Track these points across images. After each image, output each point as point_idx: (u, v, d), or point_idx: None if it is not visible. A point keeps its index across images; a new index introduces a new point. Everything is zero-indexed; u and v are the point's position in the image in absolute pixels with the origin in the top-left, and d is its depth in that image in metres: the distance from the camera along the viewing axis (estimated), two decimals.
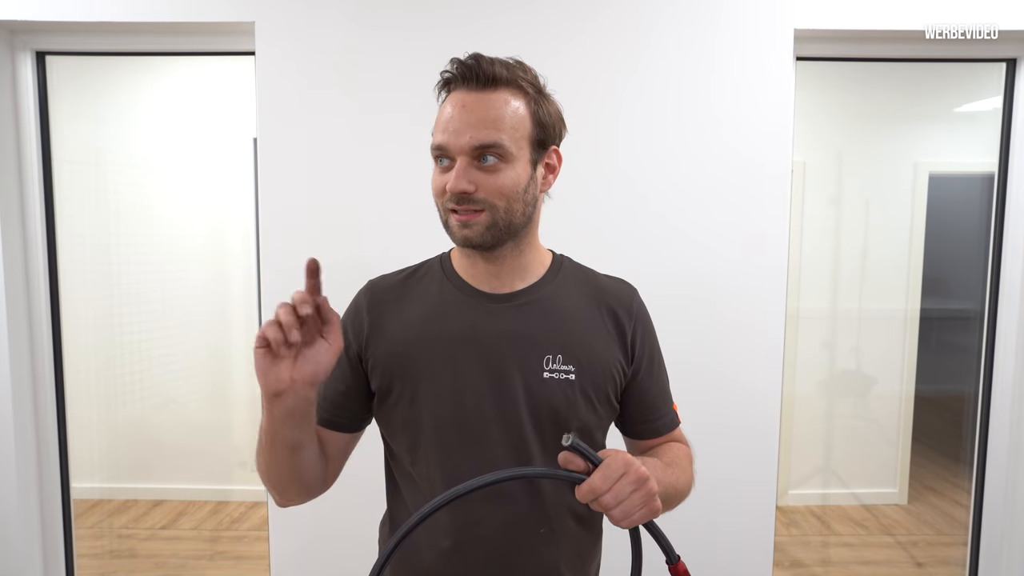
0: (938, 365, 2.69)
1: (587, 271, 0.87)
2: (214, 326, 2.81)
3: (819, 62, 1.61)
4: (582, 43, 1.49)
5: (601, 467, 0.61)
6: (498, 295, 0.79)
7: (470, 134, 0.70)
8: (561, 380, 0.76)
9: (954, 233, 2.43)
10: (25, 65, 1.58)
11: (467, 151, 0.70)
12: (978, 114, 2.28)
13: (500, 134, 0.70)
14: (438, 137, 0.72)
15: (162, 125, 2.63)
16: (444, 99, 0.75)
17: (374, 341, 0.79)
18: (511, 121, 0.72)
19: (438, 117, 0.74)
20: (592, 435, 0.80)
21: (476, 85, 0.72)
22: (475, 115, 0.70)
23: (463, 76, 0.72)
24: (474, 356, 0.76)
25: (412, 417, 0.77)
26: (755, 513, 1.59)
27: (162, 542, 2.46)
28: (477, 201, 0.71)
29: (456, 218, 0.72)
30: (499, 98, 0.72)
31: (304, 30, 1.48)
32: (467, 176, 0.70)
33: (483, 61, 0.71)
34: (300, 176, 1.51)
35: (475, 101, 0.71)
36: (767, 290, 1.54)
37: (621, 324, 0.81)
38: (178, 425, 2.78)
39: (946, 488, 2.77)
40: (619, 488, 0.60)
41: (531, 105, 0.74)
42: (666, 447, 0.84)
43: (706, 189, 1.51)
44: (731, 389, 1.55)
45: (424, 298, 0.80)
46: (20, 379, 1.60)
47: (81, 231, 2.28)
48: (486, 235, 0.72)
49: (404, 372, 0.77)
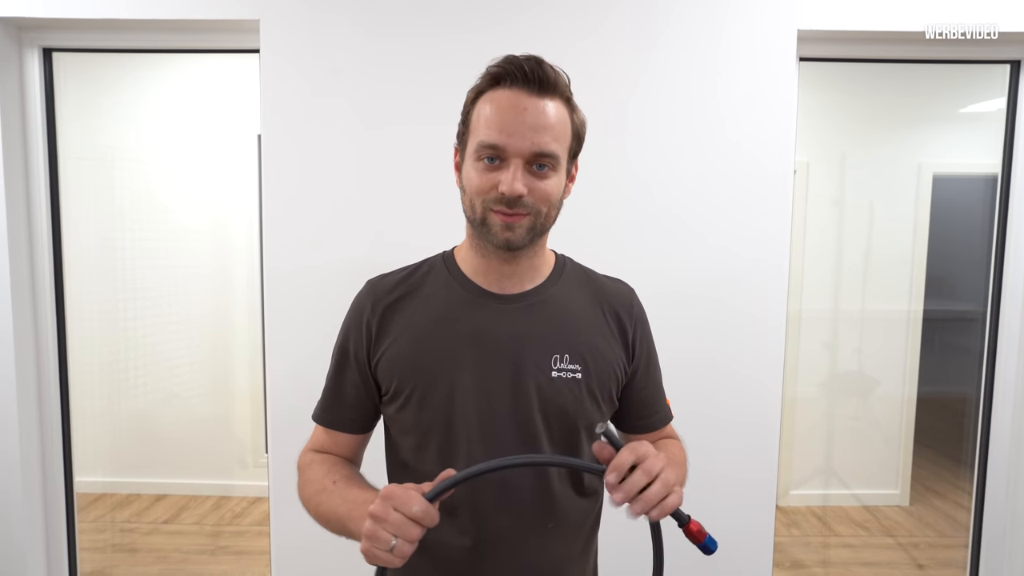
0: (940, 366, 2.69)
1: (588, 272, 0.88)
2: (217, 322, 2.82)
3: (822, 63, 1.61)
4: (586, 48, 1.49)
5: (628, 446, 0.63)
6: (506, 296, 0.79)
7: (532, 139, 0.69)
8: (568, 379, 0.77)
9: (958, 234, 2.43)
10: (32, 61, 1.59)
11: (525, 155, 0.70)
12: (982, 115, 2.27)
13: (556, 143, 0.71)
14: (492, 136, 0.70)
15: (167, 122, 2.65)
16: (486, 96, 0.72)
17: (381, 342, 0.79)
18: (561, 130, 0.72)
19: (485, 115, 0.71)
20: (592, 430, 0.81)
21: (536, 89, 0.70)
22: (536, 120, 0.70)
23: (524, 77, 0.70)
24: (485, 357, 0.76)
25: (422, 417, 0.77)
26: (755, 513, 1.59)
27: (164, 536, 2.47)
28: (526, 205, 0.71)
29: (501, 219, 0.72)
30: (555, 106, 0.71)
31: (309, 28, 1.48)
32: (523, 180, 0.70)
33: (545, 65, 0.71)
34: (304, 173, 1.52)
35: (536, 106, 0.70)
36: (769, 290, 1.54)
37: (623, 324, 0.83)
38: (181, 420, 2.80)
39: (948, 490, 2.76)
40: (649, 464, 0.62)
41: (571, 115, 0.74)
42: (663, 443, 0.86)
43: (709, 188, 1.52)
44: (732, 389, 1.55)
45: (431, 298, 0.80)
46: (25, 373, 1.61)
47: (86, 226, 2.29)
48: (526, 238, 0.74)
49: (414, 373, 0.77)
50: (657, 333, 0.90)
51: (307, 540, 1.57)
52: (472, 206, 0.74)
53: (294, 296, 1.53)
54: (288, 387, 1.54)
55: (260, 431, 2.76)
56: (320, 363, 1.51)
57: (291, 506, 1.66)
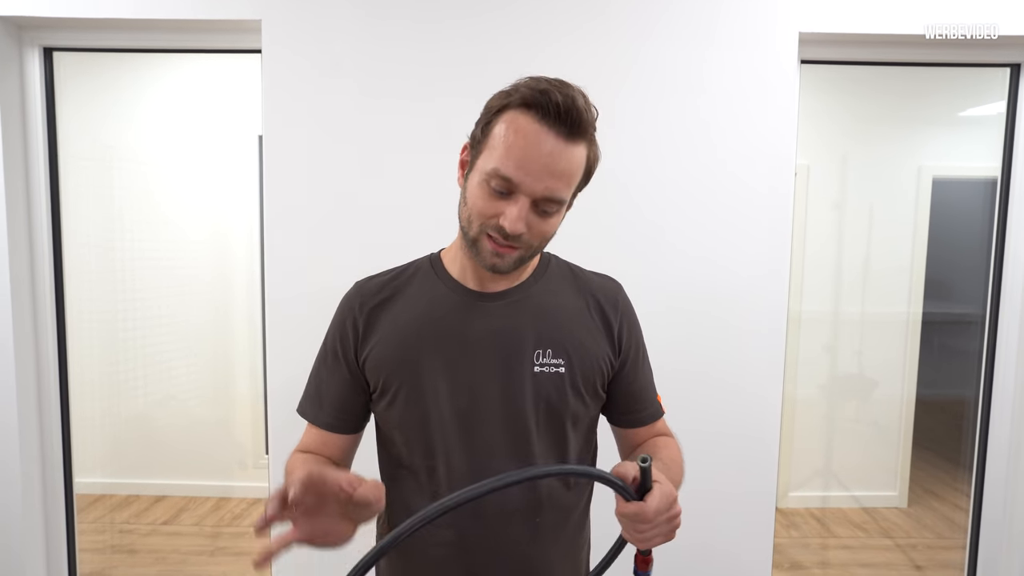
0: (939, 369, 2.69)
1: (573, 268, 0.89)
2: (217, 323, 2.81)
3: (823, 65, 1.62)
4: (583, 47, 1.49)
5: (660, 495, 0.64)
6: (489, 293, 0.81)
7: (547, 184, 0.69)
8: (551, 373, 0.78)
9: (957, 237, 2.43)
10: (33, 61, 1.58)
11: (535, 196, 0.69)
12: (982, 118, 2.28)
13: (568, 190, 0.71)
14: (509, 169, 0.68)
15: (167, 122, 2.64)
16: (513, 115, 0.69)
17: (368, 341, 0.80)
18: (576, 176, 0.72)
19: (507, 139, 0.69)
20: (581, 426, 0.83)
21: (564, 132, 0.68)
22: (556, 166, 0.68)
23: (556, 116, 0.67)
24: (469, 353, 0.78)
25: (410, 414, 0.78)
26: (755, 515, 1.59)
27: (163, 538, 2.46)
28: (520, 240, 0.72)
29: (493, 247, 0.73)
30: (577, 152, 0.70)
31: (311, 28, 1.48)
32: (526, 219, 0.70)
33: (579, 106, 0.68)
34: (305, 173, 1.52)
35: (560, 151, 0.68)
36: (769, 293, 1.54)
37: (608, 318, 0.84)
38: (180, 422, 2.79)
39: (946, 492, 2.77)
40: (661, 519, 0.65)
41: (589, 154, 0.73)
42: (661, 444, 0.86)
43: (710, 191, 1.52)
44: (732, 391, 1.56)
45: (417, 298, 0.81)
46: (25, 375, 1.61)
47: (86, 228, 2.29)
48: (512, 267, 0.75)
49: (400, 371, 0.78)
50: (656, 336, 0.90)
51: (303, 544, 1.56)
52: (469, 222, 0.74)
53: (295, 297, 1.53)
54: (289, 387, 1.54)
55: (260, 432, 2.75)
56: None
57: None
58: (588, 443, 0.87)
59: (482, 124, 0.73)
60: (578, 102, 0.68)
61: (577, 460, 0.84)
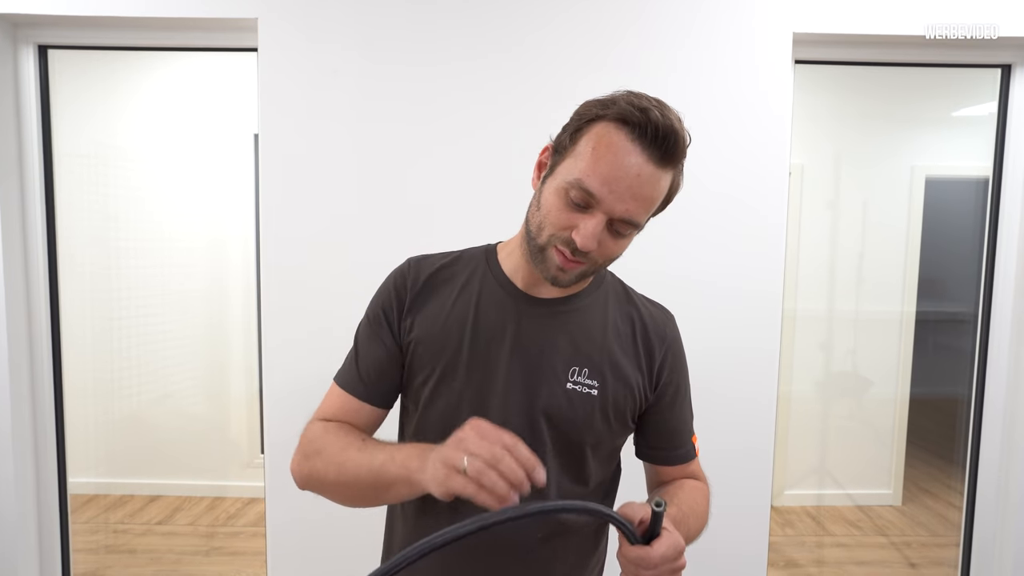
0: (933, 368, 2.71)
1: (628, 289, 0.86)
2: (212, 322, 2.80)
3: (817, 65, 1.63)
4: (580, 45, 1.49)
5: (668, 544, 0.60)
6: (539, 299, 0.79)
7: (628, 205, 0.67)
8: (583, 393, 0.76)
9: (950, 237, 2.45)
10: (27, 58, 1.58)
11: (614, 215, 0.67)
12: (975, 118, 2.30)
13: (646, 215, 0.69)
14: (593, 183, 0.66)
15: (162, 120, 2.63)
16: (607, 127, 0.66)
17: (413, 316, 0.79)
18: (657, 202, 0.70)
19: (597, 151, 0.66)
20: (604, 450, 0.80)
21: (658, 158, 0.66)
22: (642, 189, 0.66)
23: (653, 139, 0.64)
24: (502, 355, 0.76)
25: (437, 397, 0.78)
26: (750, 513, 1.60)
27: (158, 537, 2.45)
28: (588, 257, 0.70)
29: (560, 260, 0.70)
30: (665, 178, 0.68)
31: (307, 27, 1.48)
32: (599, 237, 0.68)
33: (677, 131, 0.65)
34: (301, 172, 1.51)
35: (649, 175, 0.66)
36: (764, 292, 1.55)
37: (652, 349, 0.81)
38: (175, 422, 2.78)
39: (940, 490, 2.79)
40: (664, 568, 0.61)
41: (673, 182, 0.71)
42: (688, 488, 0.82)
43: (705, 191, 1.53)
44: (727, 390, 1.56)
45: (465, 288, 0.80)
46: (18, 374, 1.60)
47: (80, 225, 2.28)
48: (574, 281, 0.74)
49: (439, 354, 0.77)
50: None
51: (302, 540, 1.56)
52: (540, 229, 0.71)
53: (291, 296, 1.53)
54: (284, 387, 1.54)
55: (255, 432, 2.75)
56: (317, 361, 1.52)
57: (287, 507, 1.66)
58: (608, 466, 0.84)
59: (571, 130, 0.70)
60: (676, 127, 0.65)
61: (595, 482, 0.81)
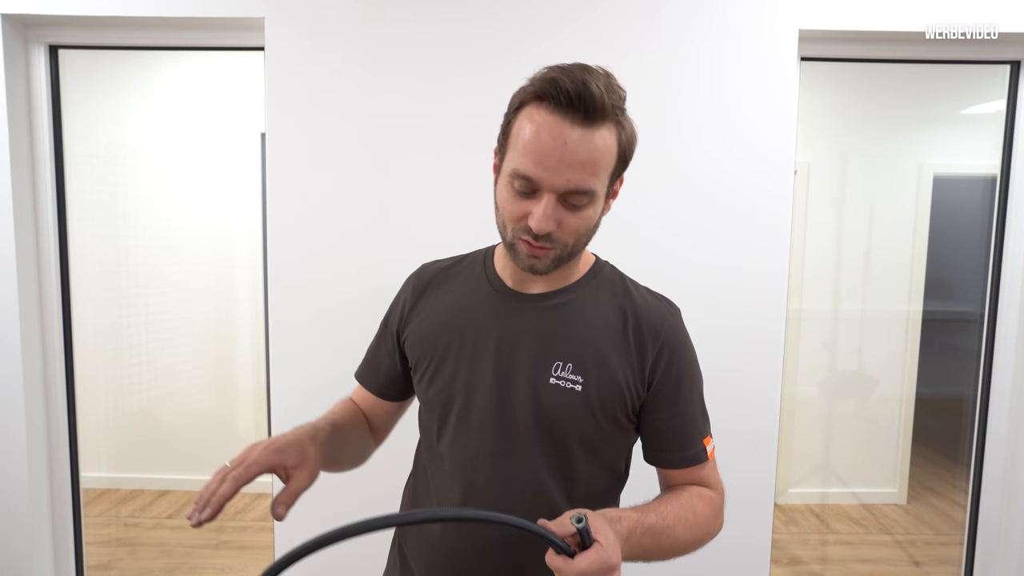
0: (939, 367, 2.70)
1: (627, 282, 0.83)
2: (220, 319, 2.83)
3: (824, 63, 1.62)
4: (580, 43, 1.49)
5: (593, 558, 0.56)
6: (526, 295, 0.79)
7: (568, 176, 0.65)
8: (566, 389, 0.74)
9: (958, 235, 2.43)
10: (38, 58, 1.60)
11: (559, 190, 0.66)
12: (984, 116, 2.28)
13: (595, 179, 0.67)
14: (527, 167, 0.65)
15: (170, 119, 2.65)
16: (528, 110, 0.67)
17: (411, 320, 0.85)
18: (604, 163, 0.67)
19: (524, 136, 0.66)
20: (597, 450, 0.77)
21: (580, 118, 0.64)
22: (576, 155, 0.64)
23: (568, 102, 0.64)
24: (488, 351, 0.77)
25: (431, 395, 0.81)
26: (754, 511, 1.60)
27: (168, 531, 2.49)
28: (553, 240, 0.69)
29: (527, 248, 0.70)
30: (600, 137, 0.66)
31: (314, 25, 1.49)
32: (554, 216, 0.67)
33: (593, 90, 0.64)
34: (308, 171, 1.53)
35: (579, 140, 0.64)
36: (768, 290, 1.55)
37: (644, 343, 0.76)
38: (184, 417, 2.81)
39: (945, 489, 2.78)
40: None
41: (619, 137, 0.69)
42: (687, 497, 0.77)
43: (709, 188, 1.53)
44: (732, 388, 1.56)
45: (461, 288, 0.83)
46: (31, 372, 1.62)
47: (91, 224, 2.31)
48: (551, 267, 0.73)
49: (431, 352, 0.81)
50: None
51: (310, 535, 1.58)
52: (503, 227, 0.72)
53: (298, 292, 1.54)
54: (292, 382, 1.56)
55: (262, 427, 2.77)
56: (323, 357, 1.53)
57: None
58: (606, 468, 0.80)
59: (504, 125, 0.71)
60: (591, 85, 0.64)
61: (584, 483, 0.77)
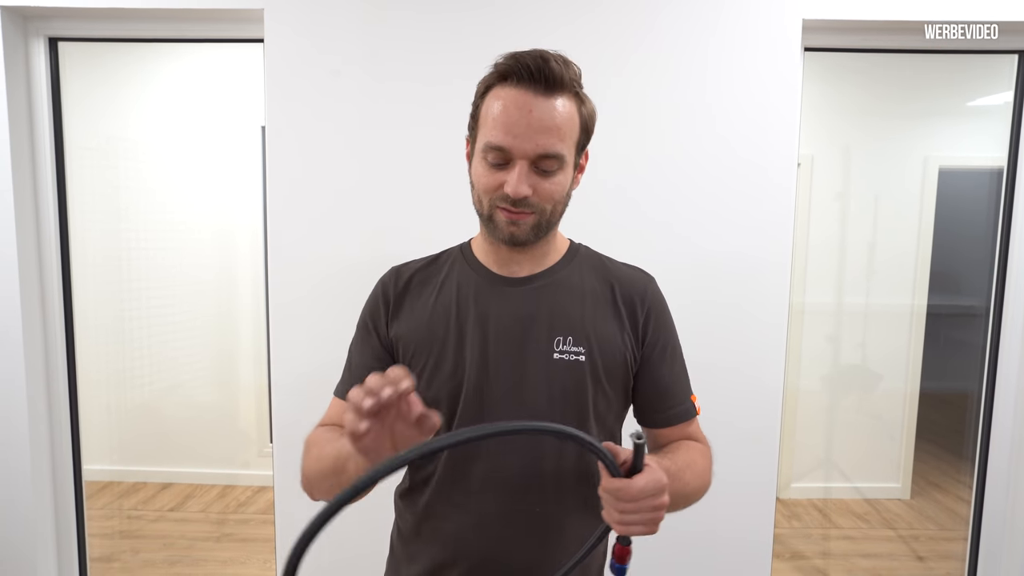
0: (944, 362, 2.68)
1: (604, 258, 0.88)
2: (221, 312, 2.84)
3: (828, 53, 1.60)
4: (581, 34, 1.48)
5: (649, 478, 0.61)
6: (514, 279, 0.82)
7: (537, 141, 0.70)
8: (571, 361, 0.78)
9: (963, 229, 2.41)
10: (38, 51, 1.59)
11: (530, 156, 0.71)
12: (990, 108, 2.25)
13: (562, 143, 0.72)
14: (498, 137, 0.71)
15: (170, 111, 2.65)
16: (494, 91, 0.73)
17: (396, 320, 0.83)
18: (568, 129, 0.73)
19: (492, 113, 0.72)
20: (603, 419, 0.81)
21: (542, 88, 0.71)
22: (541, 122, 0.70)
23: (530, 76, 0.70)
24: (488, 336, 0.79)
25: (431, 393, 0.80)
26: (756, 505, 1.60)
27: (170, 524, 2.50)
28: (531, 204, 0.73)
29: (507, 216, 0.74)
30: (561, 105, 0.72)
31: (313, 17, 1.48)
32: (527, 180, 0.72)
33: (552, 65, 0.70)
34: (308, 162, 1.52)
35: (543, 107, 0.70)
36: (771, 284, 1.54)
37: (633, 307, 0.83)
38: (186, 410, 2.82)
39: (949, 484, 2.77)
40: (645, 503, 0.62)
41: (579, 109, 0.74)
42: (685, 447, 0.83)
43: (711, 181, 1.51)
44: (733, 382, 1.56)
45: (445, 283, 0.84)
46: (34, 365, 1.63)
47: (92, 217, 2.31)
48: (531, 234, 0.76)
49: (426, 349, 0.80)
50: None
51: None
52: (480, 202, 0.77)
53: (299, 286, 1.54)
54: (293, 376, 1.56)
55: (264, 421, 2.78)
56: (324, 350, 1.53)
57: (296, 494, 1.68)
58: (610, 439, 0.83)
59: (473, 112, 0.77)
60: (550, 61, 0.70)
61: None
